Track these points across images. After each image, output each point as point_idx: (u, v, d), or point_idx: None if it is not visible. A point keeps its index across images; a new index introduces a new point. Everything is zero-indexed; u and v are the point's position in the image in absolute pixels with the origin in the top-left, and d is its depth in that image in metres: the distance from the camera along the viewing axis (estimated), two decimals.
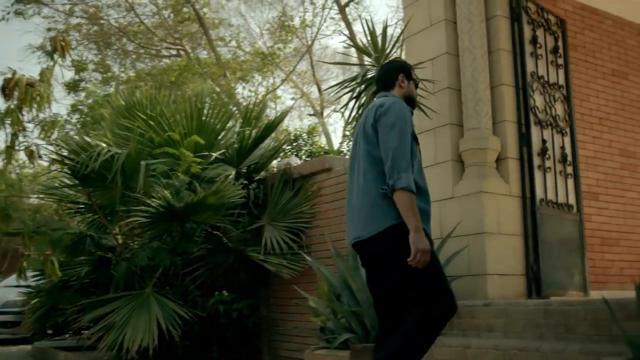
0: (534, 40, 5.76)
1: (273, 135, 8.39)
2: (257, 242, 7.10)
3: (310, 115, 21.50)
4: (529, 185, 5.36)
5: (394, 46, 5.13)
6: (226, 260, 7.05)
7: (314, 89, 22.41)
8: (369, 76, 5.10)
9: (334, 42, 38.88)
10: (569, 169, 5.81)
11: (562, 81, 6.00)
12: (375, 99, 3.39)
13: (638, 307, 2.80)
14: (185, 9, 16.42)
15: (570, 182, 5.80)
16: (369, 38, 5.13)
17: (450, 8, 5.70)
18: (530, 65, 5.65)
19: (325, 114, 23.22)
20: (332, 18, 18.59)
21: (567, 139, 5.87)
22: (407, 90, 3.40)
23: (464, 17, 5.49)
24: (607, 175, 6.96)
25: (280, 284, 7.24)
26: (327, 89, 6.16)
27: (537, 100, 5.65)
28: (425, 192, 3.19)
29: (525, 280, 5.19)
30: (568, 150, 5.85)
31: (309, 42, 19.65)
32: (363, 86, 5.09)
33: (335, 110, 25.29)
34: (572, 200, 5.76)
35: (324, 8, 18.02)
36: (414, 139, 3.18)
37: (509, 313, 4.20)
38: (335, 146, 15.13)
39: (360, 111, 5.08)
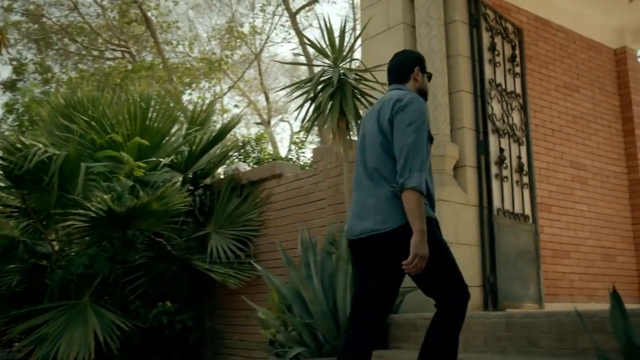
0: (492, 48, 5.68)
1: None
2: (202, 250, 6.80)
3: (257, 124, 21.25)
4: (487, 195, 5.25)
5: (352, 47, 4.94)
6: (169, 269, 6.71)
7: (262, 97, 22.19)
8: (325, 77, 4.90)
9: (284, 49, 38.57)
10: (525, 179, 5.73)
11: (519, 90, 5.93)
12: (388, 91, 3.21)
13: (611, 315, 2.64)
14: (132, 11, 15.94)
15: (527, 192, 5.72)
16: (326, 38, 4.93)
17: (409, 11, 5.56)
18: (488, 73, 5.55)
19: (272, 122, 23.01)
20: (282, 25, 18.37)
21: (523, 149, 5.80)
22: (421, 84, 3.23)
23: (423, 20, 5.35)
24: (559, 187, 6.95)
25: (226, 294, 6.94)
26: (282, 88, 5.92)
27: (495, 108, 5.56)
28: (431, 197, 3.06)
29: (482, 291, 5.05)
30: (524, 160, 5.77)
31: (258, 50, 19.41)
32: (319, 87, 4.89)
33: (282, 120, 25.11)
34: (527, 210, 5.68)
35: (274, 15, 17.82)
36: (429, 138, 3.04)
37: (469, 325, 4.02)
38: (282, 155, 14.91)
39: (316, 114, 4.88)
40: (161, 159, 7.07)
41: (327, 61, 5.00)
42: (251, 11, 18.78)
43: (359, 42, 5.67)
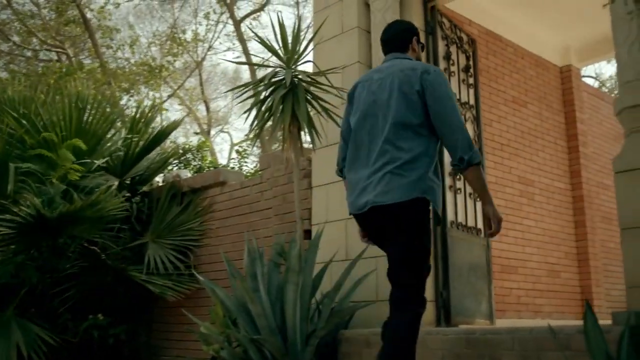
0: (447, 57, 5.56)
1: (159, 148, 7.73)
2: (139, 260, 6.41)
3: (196, 133, 20.79)
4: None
5: (306, 48, 4.71)
6: (103, 279, 6.29)
7: (202, 107, 21.75)
8: (277, 79, 4.64)
9: (227, 59, 37.68)
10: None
11: (472, 101, 5.82)
12: (390, 59, 3.13)
13: (587, 332, 2.48)
14: (70, 11, 15.29)
15: (479, 205, 5.59)
16: (279, 38, 4.69)
17: (364, 16, 5.39)
18: None
19: (212, 133, 22.58)
20: (226, 35, 17.98)
21: None
22: (417, 54, 3.20)
23: (380, 25, 5.16)
24: (508, 202, 6.89)
25: (164, 307, 6.56)
26: (230, 90, 5.55)
27: None
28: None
29: (435, 307, 4.87)
30: None
31: (200, 58, 19.00)
32: (270, 89, 4.63)
33: (222, 130, 24.68)
34: (480, 224, 5.55)
35: (217, 22, 17.43)
36: None
37: (425, 342, 3.82)
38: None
39: (266, 117, 4.61)
40: (96, 161, 6.65)
41: (279, 62, 4.75)
42: (194, 18, 18.35)
43: (310, 45, 5.43)
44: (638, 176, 3.22)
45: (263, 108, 4.57)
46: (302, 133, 4.66)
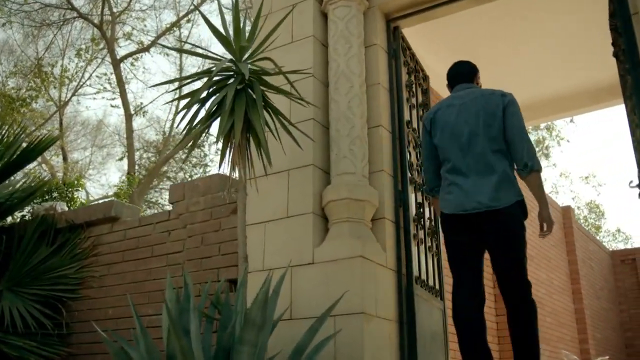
0: (409, 85, 4.77)
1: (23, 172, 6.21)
2: None
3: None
4: (405, 258, 4.13)
5: (264, 42, 3.68)
6: None
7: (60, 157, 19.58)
8: (226, 75, 3.57)
9: (96, 102, 34.52)
10: (434, 245, 4.74)
11: None
12: (462, 89, 3.63)
13: None
14: None
15: (436, 261, 4.71)
16: (230, 29, 3.64)
17: (321, 24, 4.50)
18: (405, 113, 4.59)
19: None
20: (97, 76, 16.26)
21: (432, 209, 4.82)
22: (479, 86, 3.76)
23: (341, 35, 4.29)
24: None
25: None
26: (167, 82, 4.28)
27: (412, 155, 4.58)
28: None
29: None
30: (434, 222, 4.80)
31: (65, 99, 17.12)
32: (213, 88, 3.54)
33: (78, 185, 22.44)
34: (437, 284, 4.65)
35: (92, 59, 15.67)
36: None
37: None
38: None
39: (212, 110, 3.49)
40: None
41: (232, 55, 3.67)
42: (62, 52, 16.45)
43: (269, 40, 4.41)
44: None
45: (206, 108, 3.45)
46: (255, 143, 3.58)
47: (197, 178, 4.60)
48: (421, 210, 4.50)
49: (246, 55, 3.68)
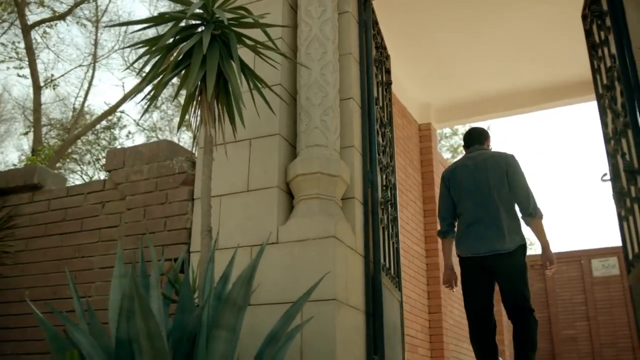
0: (377, 61, 4.45)
1: None
2: None
3: None
4: (372, 243, 3.80)
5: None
6: None
7: None
8: (193, 23, 3.11)
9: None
10: (393, 233, 4.43)
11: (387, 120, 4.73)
12: (475, 150, 4.27)
13: None
14: None
15: (395, 250, 4.41)
16: None
17: (288, 13, 4.10)
18: (373, 89, 4.26)
19: None
20: (2, 44, 14.91)
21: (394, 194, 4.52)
22: (489, 148, 4.40)
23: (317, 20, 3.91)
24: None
25: None
26: (128, 23, 3.59)
27: (379, 134, 4.26)
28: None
29: None
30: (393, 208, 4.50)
31: None
32: (181, 36, 3.07)
33: None
34: (396, 274, 4.35)
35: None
36: None
37: None
38: None
39: (179, 65, 3.01)
40: None
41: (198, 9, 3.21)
42: None
43: None
44: None
45: (173, 57, 2.98)
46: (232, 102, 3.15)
47: (140, 144, 4.09)
48: (388, 193, 4.19)
49: (218, 4, 3.24)
